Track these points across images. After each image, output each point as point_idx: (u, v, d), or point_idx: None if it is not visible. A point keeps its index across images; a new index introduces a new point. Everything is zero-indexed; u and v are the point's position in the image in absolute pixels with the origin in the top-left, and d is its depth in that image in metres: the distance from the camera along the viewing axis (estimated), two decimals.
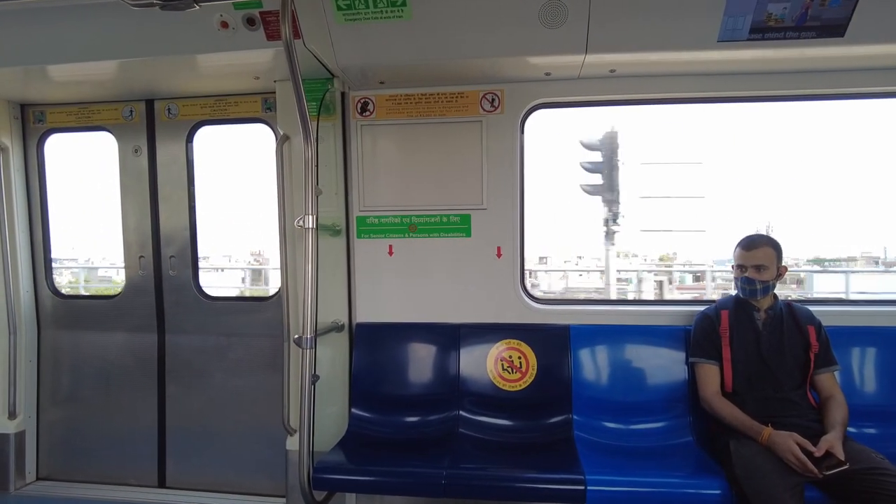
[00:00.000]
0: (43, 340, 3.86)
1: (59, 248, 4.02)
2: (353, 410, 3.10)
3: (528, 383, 3.08)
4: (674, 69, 2.96)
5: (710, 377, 2.75)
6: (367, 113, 3.22)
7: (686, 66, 2.92)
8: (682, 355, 3.02)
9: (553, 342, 3.10)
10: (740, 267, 2.78)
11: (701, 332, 2.85)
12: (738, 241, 2.82)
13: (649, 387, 3.03)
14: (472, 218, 3.18)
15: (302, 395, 2.52)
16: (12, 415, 3.63)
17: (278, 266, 3.24)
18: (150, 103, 3.67)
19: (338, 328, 3.22)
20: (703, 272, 13.08)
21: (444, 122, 3.17)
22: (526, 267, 3.34)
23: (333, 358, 3.23)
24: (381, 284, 3.27)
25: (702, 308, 2.97)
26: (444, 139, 3.18)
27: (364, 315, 3.27)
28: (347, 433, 3.00)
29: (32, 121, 3.81)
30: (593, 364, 3.08)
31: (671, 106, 3.25)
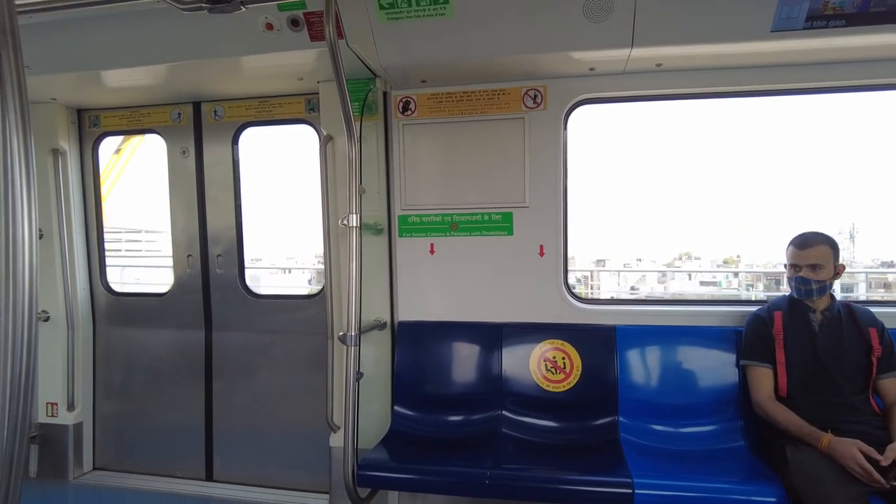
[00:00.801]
0: (98, 336, 4.01)
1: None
2: (396, 408, 3.11)
3: (572, 384, 3.03)
4: (724, 62, 2.86)
5: (763, 380, 2.65)
6: (409, 112, 3.22)
7: (737, 59, 2.82)
8: (732, 357, 2.92)
9: (598, 343, 3.05)
10: (794, 266, 2.67)
11: (753, 334, 2.75)
12: (791, 239, 2.71)
13: (698, 389, 2.94)
14: (514, 216, 3.15)
15: (347, 392, 2.55)
16: (71, 406, 3.79)
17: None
18: (197, 106, 3.77)
19: (380, 326, 3.23)
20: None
21: (486, 119, 3.15)
22: (583, 268, 3.29)
23: (376, 356, 3.25)
24: (423, 283, 3.27)
25: (753, 309, 2.87)
26: (485, 137, 3.16)
27: (406, 313, 3.28)
28: (390, 431, 3.01)
29: (88, 125, 3.95)
30: (640, 365, 3.01)
31: (719, 100, 3.15)
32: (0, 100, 1.71)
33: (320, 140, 3.28)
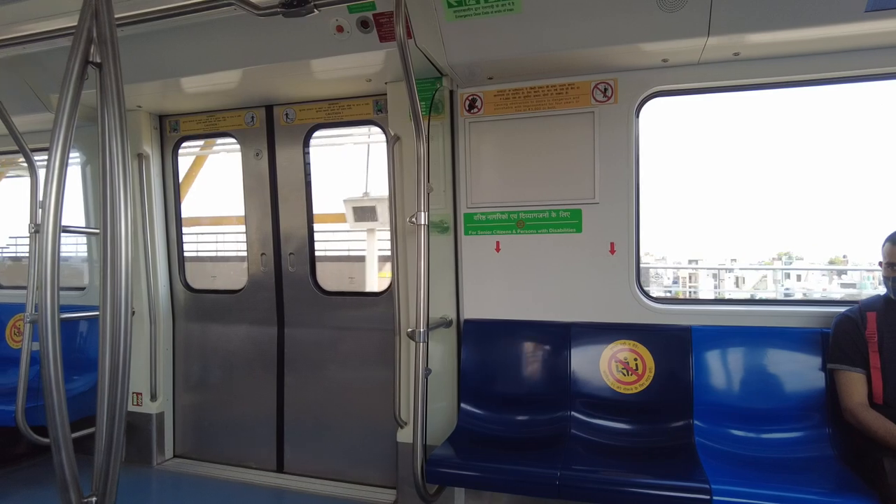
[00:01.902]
0: (177, 331, 4.22)
1: None
2: (463, 406, 3.11)
3: (644, 386, 2.94)
4: (808, 48, 2.70)
5: (856, 386, 2.49)
6: (475, 110, 3.22)
7: (824, 44, 2.65)
8: (817, 361, 2.76)
9: (673, 344, 2.94)
10: (890, 265, 2.49)
11: (843, 337, 2.58)
12: (888, 235, 2.53)
13: (781, 394, 2.80)
14: (583, 213, 3.08)
15: (416, 388, 2.56)
16: (154, 397, 4.00)
17: None
18: (269, 109, 3.90)
19: (446, 324, 3.24)
20: None
21: (554, 114, 3.10)
22: (676, 266, 3.20)
23: (442, 353, 3.26)
24: (489, 281, 3.25)
25: (842, 309, 2.69)
26: (553, 132, 3.11)
27: (471, 311, 3.27)
28: (457, 428, 3.01)
29: (168, 129, 4.17)
30: (718, 367, 2.88)
31: (800, 89, 2.98)
32: (101, 107, 1.84)
33: (388, 140, 3.32)
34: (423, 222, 2.58)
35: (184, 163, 4.26)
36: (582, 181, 3.07)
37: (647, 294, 3.09)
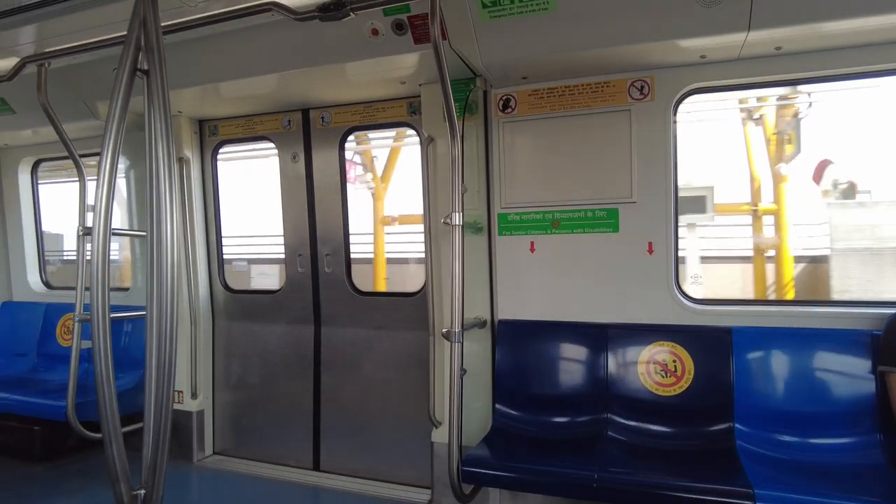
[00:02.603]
0: (217, 330, 4.32)
1: None
2: (498, 406, 3.10)
3: (683, 388, 2.89)
4: (854, 40, 2.62)
5: None
6: (509, 110, 3.21)
7: (872, 35, 2.56)
8: (867, 363, 2.66)
9: (713, 345, 2.88)
10: None
11: (895, 338, 2.49)
12: None
13: (828, 397, 2.71)
14: (620, 212, 3.05)
15: (452, 388, 2.57)
16: (194, 395, 4.11)
17: None
18: (305, 113, 3.97)
19: (480, 324, 3.24)
20: None
21: (589, 113, 3.07)
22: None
23: (476, 353, 3.26)
24: (523, 282, 3.24)
25: (893, 310, 2.60)
26: (588, 131, 3.08)
27: (506, 312, 3.26)
28: (493, 429, 3.01)
29: (208, 134, 4.28)
30: (760, 370, 2.81)
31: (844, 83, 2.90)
32: (148, 112, 1.90)
33: (422, 142, 3.35)
34: (457, 222, 2.59)
35: (224, 168, 4.35)
36: (618, 180, 3.03)
37: (686, 294, 3.03)
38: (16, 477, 3.87)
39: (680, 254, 3.14)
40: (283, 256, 4.16)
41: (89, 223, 3.67)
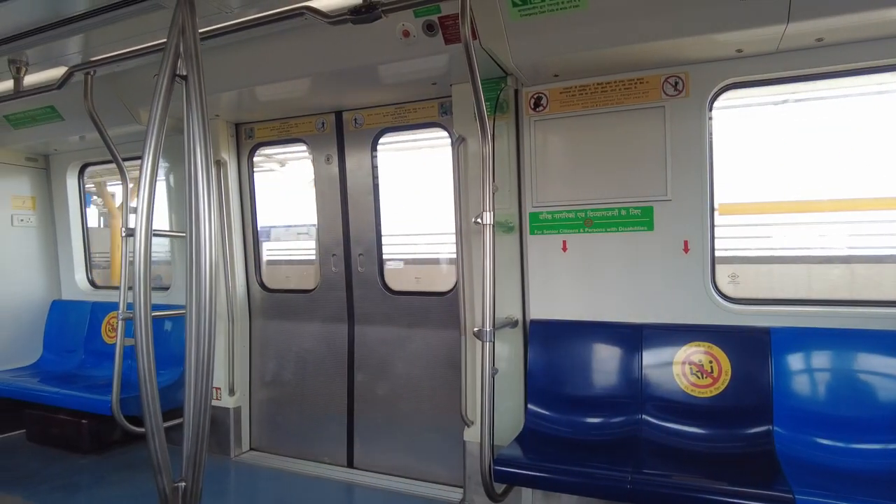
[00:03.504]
0: (253, 329, 4.42)
1: None
2: (530, 406, 3.09)
3: (720, 390, 2.83)
4: None
5: None
6: (541, 108, 3.19)
7: None
8: None
9: (750, 346, 2.81)
10: None
11: None
12: None
13: (873, 401, 2.61)
14: (654, 210, 3.00)
15: (483, 387, 2.57)
16: (232, 391, 4.21)
17: None
18: (338, 115, 4.03)
19: (512, 324, 3.23)
20: None
21: (623, 110, 3.04)
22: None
23: (508, 353, 3.25)
24: (556, 281, 3.22)
25: None
26: (621, 128, 3.05)
27: (538, 312, 3.25)
28: (525, 429, 3.00)
29: (244, 137, 4.38)
30: (800, 372, 2.73)
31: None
32: (186, 116, 1.96)
33: (453, 142, 3.36)
34: (488, 222, 2.59)
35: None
36: (653, 178, 2.99)
37: (722, 294, 2.97)
38: (66, 467, 4.04)
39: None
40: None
41: (131, 224, 3.81)
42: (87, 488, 3.73)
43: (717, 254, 2.99)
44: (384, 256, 4.01)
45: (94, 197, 6.88)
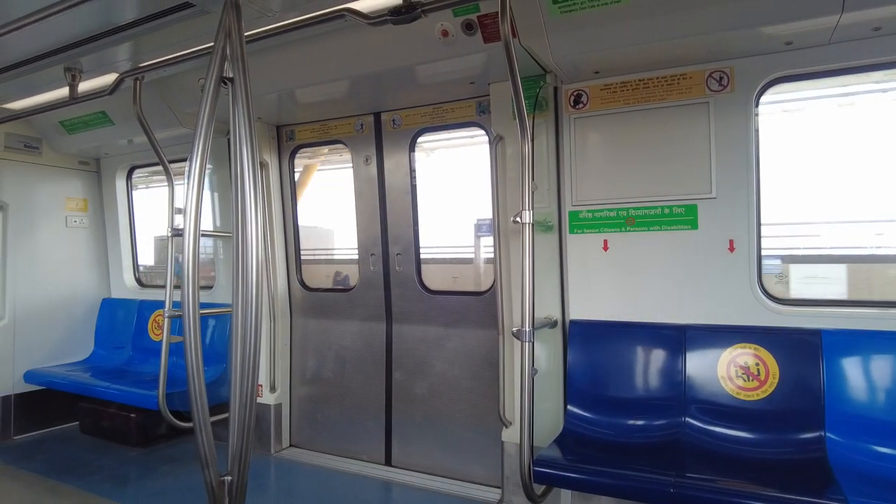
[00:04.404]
0: (294, 327, 4.50)
1: None
2: (570, 408, 3.05)
3: (767, 393, 2.74)
4: None
5: None
6: (581, 105, 3.16)
7: None
8: None
9: (800, 348, 2.71)
10: None
11: None
12: None
13: None
14: (698, 208, 2.93)
15: (523, 387, 2.55)
16: (273, 388, 4.29)
17: None
18: (377, 116, 4.07)
19: (551, 324, 3.20)
20: None
21: (665, 106, 2.97)
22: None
23: (546, 354, 3.22)
24: (596, 281, 3.17)
25: None
26: (664, 125, 2.98)
27: (578, 312, 3.21)
28: (564, 430, 2.96)
29: (285, 139, 4.46)
30: (855, 376, 2.62)
31: None
32: (233, 117, 2.01)
33: (491, 141, 3.35)
34: (527, 220, 2.57)
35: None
36: (697, 175, 2.92)
37: (770, 295, 2.88)
38: (115, 459, 4.20)
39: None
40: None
41: (177, 224, 3.93)
42: (135, 480, 3.86)
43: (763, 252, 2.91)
44: (421, 256, 4.03)
45: None
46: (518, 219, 2.59)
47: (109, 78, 3.57)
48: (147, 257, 5.72)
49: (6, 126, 4.57)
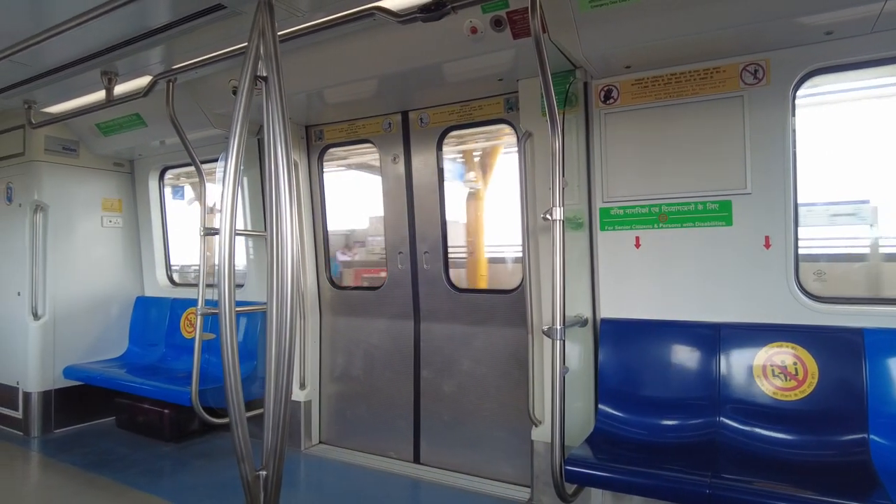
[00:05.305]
0: (323, 325, 4.54)
1: None
2: (601, 407, 3.02)
3: (806, 393, 2.67)
4: None
5: None
6: (611, 100, 3.11)
7: None
8: None
9: (841, 348, 2.63)
10: None
11: None
12: None
13: None
14: (733, 204, 2.86)
15: (554, 386, 2.53)
16: (303, 385, 4.34)
17: None
18: (405, 115, 4.08)
19: (581, 322, 3.17)
20: None
21: (698, 101, 2.91)
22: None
23: (577, 352, 3.19)
24: (628, 279, 3.13)
25: None
26: (697, 119, 2.92)
27: (609, 310, 3.17)
28: (596, 429, 2.93)
29: (314, 139, 4.51)
30: None
31: None
32: (267, 115, 2.03)
33: (519, 138, 3.33)
34: (558, 217, 2.55)
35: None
36: (731, 170, 2.85)
37: (807, 292, 2.80)
38: (150, 453, 4.29)
39: None
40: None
41: (210, 224, 3.99)
42: (170, 474, 3.94)
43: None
44: (449, 254, 4.03)
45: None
46: (548, 216, 2.56)
47: (143, 80, 3.64)
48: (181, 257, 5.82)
49: (46, 129, 4.71)
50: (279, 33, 2.57)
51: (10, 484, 3.91)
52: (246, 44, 2.05)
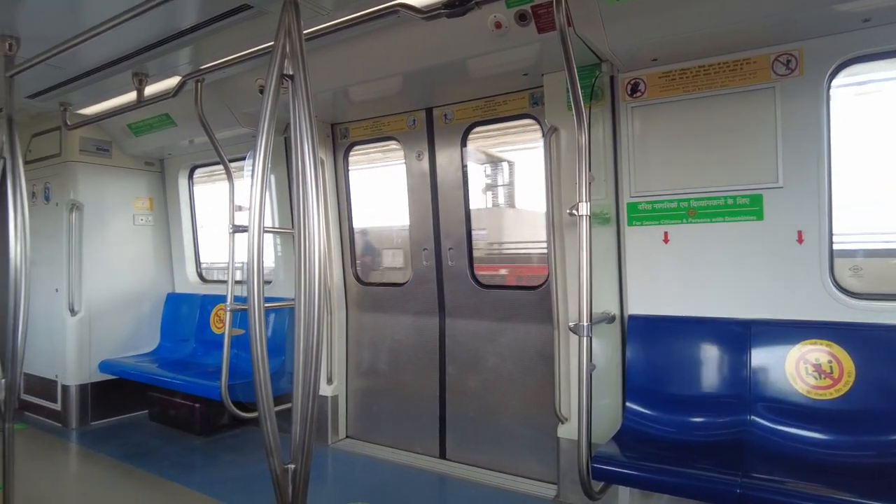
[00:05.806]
0: (350, 320, 4.58)
1: None
2: (628, 405, 2.99)
3: (842, 392, 2.60)
4: None
5: None
6: (638, 94, 3.07)
7: None
8: None
9: (879, 345, 2.56)
10: None
11: None
12: None
13: None
14: (764, 198, 2.80)
15: (581, 383, 2.51)
16: (330, 380, 4.39)
17: None
18: (429, 111, 4.08)
19: (608, 319, 3.14)
20: None
21: (728, 93, 2.85)
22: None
23: (604, 349, 3.16)
24: (656, 275, 3.08)
25: None
26: (727, 112, 2.86)
27: (637, 307, 3.13)
28: (623, 427, 2.90)
29: (339, 136, 4.54)
30: None
31: None
32: (293, 113, 2.04)
33: (544, 133, 3.30)
34: (584, 213, 2.52)
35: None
36: (762, 164, 2.79)
37: (842, 288, 2.72)
38: (182, 446, 4.40)
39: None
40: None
41: (238, 221, 4.05)
42: (201, 467, 4.03)
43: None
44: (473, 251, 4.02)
45: None
46: (574, 211, 2.54)
47: (172, 81, 3.71)
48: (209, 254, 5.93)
49: (80, 130, 4.84)
50: (305, 32, 2.60)
51: (55, 473, 4.06)
52: (272, 43, 2.07)
